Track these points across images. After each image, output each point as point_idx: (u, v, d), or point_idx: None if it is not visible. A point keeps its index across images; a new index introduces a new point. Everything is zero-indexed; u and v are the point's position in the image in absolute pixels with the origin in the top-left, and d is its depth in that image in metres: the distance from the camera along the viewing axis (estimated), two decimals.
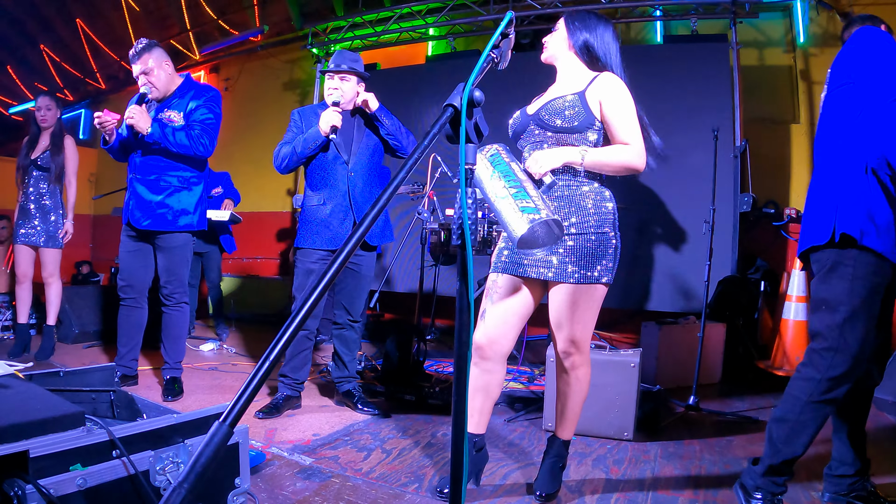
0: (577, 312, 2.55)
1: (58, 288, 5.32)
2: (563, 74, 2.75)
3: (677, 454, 3.37)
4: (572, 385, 2.68)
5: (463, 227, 1.24)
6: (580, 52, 2.69)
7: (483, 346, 2.65)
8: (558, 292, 2.57)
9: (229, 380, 4.69)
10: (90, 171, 12.51)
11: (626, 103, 2.55)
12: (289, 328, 0.93)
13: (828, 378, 2.38)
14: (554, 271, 2.53)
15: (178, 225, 4.01)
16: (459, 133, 1.24)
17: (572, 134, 2.54)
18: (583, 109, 2.52)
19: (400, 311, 8.45)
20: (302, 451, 3.14)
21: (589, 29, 2.68)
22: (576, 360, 2.64)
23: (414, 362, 4.49)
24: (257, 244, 9.62)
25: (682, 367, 4.88)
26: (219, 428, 0.86)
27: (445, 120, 1.23)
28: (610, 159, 2.51)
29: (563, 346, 2.62)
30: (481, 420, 2.72)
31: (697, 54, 6.44)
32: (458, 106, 1.23)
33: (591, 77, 2.62)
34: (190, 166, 4.05)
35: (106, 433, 1.86)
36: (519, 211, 2.08)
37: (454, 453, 1.42)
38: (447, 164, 5.30)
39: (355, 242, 1.01)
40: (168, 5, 10.58)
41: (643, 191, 6.34)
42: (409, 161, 1.11)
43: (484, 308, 2.70)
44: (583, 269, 2.51)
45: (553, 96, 2.63)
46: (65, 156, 5.13)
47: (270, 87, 10.15)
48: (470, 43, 8.47)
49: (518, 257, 2.63)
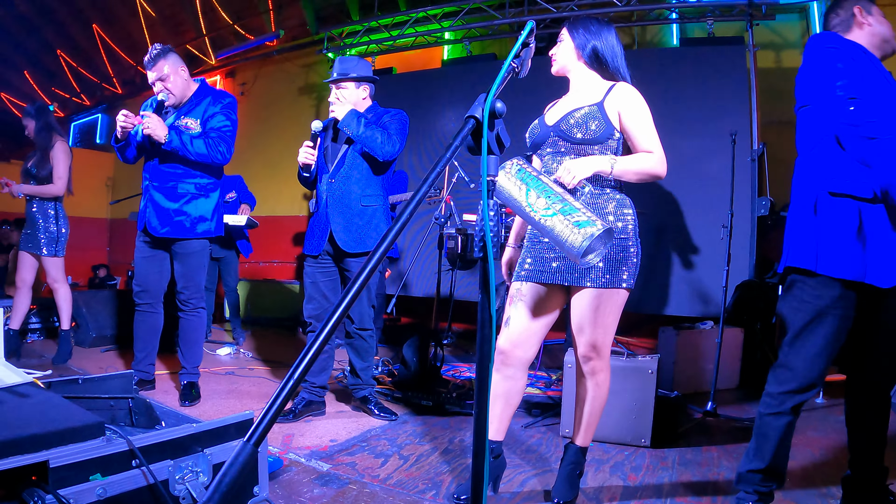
0: (599, 317, 2.55)
1: (65, 293, 5.27)
2: (576, 84, 2.76)
3: (695, 461, 3.34)
4: (592, 391, 2.67)
5: (485, 240, 1.23)
6: (589, 61, 2.70)
7: (507, 351, 2.66)
8: (582, 297, 2.57)
9: (246, 384, 4.70)
10: (107, 175, 12.65)
11: (644, 112, 2.58)
12: (312, 347, 0.93)
13: (777, 393, 2.44)
14: (577, 276, 2.55)
15: (196, 232, 4.02)
16: (481, 145, 1.23)
17: (594, 145, 2.56)
18: (603, 121, 2.54)
19: (417, 316, 8.45)
20: (319, 457, 3.14)
21: (594, 35, 2.68)
22: (596, 366, 2.63)
23: (431, 367, 4.48)
24: (274, 248, 9.66)
25: (700, 372, 4.85)
26: (244, 447, 0.85)
27: (468, 132, 1.22)
28: (636, 167, 2.53)
29: (584, 351, 2.61)
30: (500, 427, 2.72)
31: (714, 57, 6.40)
32: (480, 117, 1.22)
33: (607, 87, 2.64)
34: (207, 173, 4.06)
35: (125, 443, 1.86)
36: (573, 226, 2.10)
37: (475, 464, 1.41)
38: (464, 169, 5.29)
39: (379, 257, 1.00)
40: (184, 10, 10.67)
41: (661, 195, 6.31)
42: (430, 174, 1.11)
43: (508, 315, 2.71)
44: (606, 274, 2.52)
45: (571, 107, 2.64)
46: (53, 160, 5.04)
47: (286, 91, 10.20)
48: (485, 47, 8.48)
49: (542, 265, 2.64)
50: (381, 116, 3.84)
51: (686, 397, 4.42)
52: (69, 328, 5.32)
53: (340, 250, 3.78)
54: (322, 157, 3.86)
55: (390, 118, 3.83)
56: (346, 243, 3.77)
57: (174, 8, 10.87)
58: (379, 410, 3.93)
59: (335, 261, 3.89)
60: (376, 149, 3.70)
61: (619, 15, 7.29)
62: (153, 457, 1.90)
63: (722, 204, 5.12)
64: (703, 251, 6.20)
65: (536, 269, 2.66)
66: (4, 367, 2.58)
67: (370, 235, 3.83)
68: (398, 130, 3.80)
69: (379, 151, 3.70)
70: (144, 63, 3.94)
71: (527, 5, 7.56)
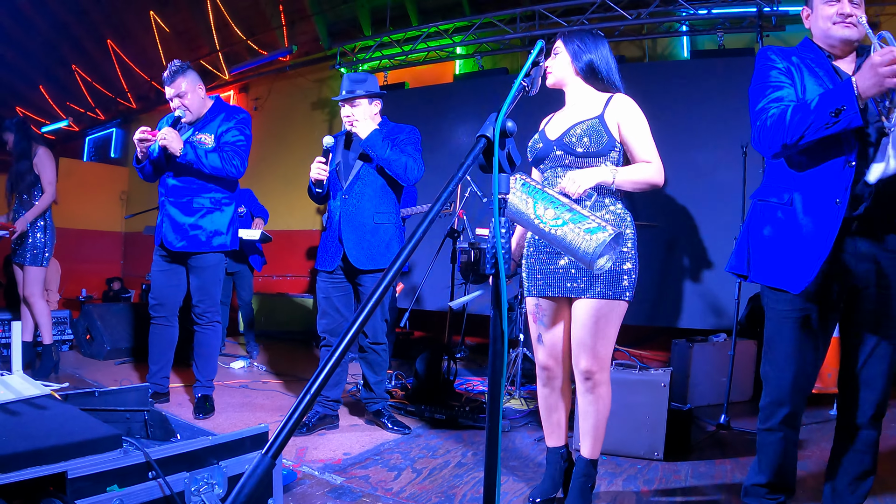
0: (600, 328, 2.59)
1: (40, 307, 5.10)
2: (573, 98, 2.81)
3: (708, 474, 3.33)
4: (594, 404, 2.69)
5: (497, 256, 1.25)
6: (586, 75, 2.76)
7: (551, 367, 2.79)
8: (583, 308, 2.61)
9: (260, 398, 4.72)
10: (121, 189, 12.75)
11: (642, 123, 2.65)
12: (328, 364, 0.95)
13: (764, 405, 2.46)
14: (579, 288, 2.60)
15: (211, 245, 4.07)
16: (492, 163, 1.25)
17: (597, 157, 2.63)
18: (605, 133, 2.61)
19: (430, 329, 8.45)
20: (333, 470, 3.16)
21: (591, 50, 2.74)
22: (598, 378, 2.65)
23: (444, 381, 4.49)
24: (287, 262, 9.70)
25: (713, 385, 4.84)
26: (261, 460, 0.87)
27: (479, 151, 1.24)
28: (636, 177, 2.60)
29: (585, 365, 2.62)
30: (562, 433, 2.88)
31: (724, 69, 6.40)
32: (491, 136, 1.24)
33: (605, 99, 2.70)
34: (221, 187, 4.11)
35: (142, 455, 1.89)
36: (585, 233, 2.16)
37: (487, 477, 1.42)
38: (476, 184, 5.32)
39: (393, 275, 1.02)
40: (198, 26, 10.78)
41: (673, 208, 6.31)
42: (443, 193, 1.13)
43: (538, 332, 2.81)
44: (606, 286, 2.57)
45: (572, 121, 2.70)
46: (39, 168, 4.99)
47: (299, 106, 10.26)
48: (497, 61, 8.52)
49: (549, 278, 2.69)
50: (396, 134, 3.86)
51: (699, 410, 4.42)
52: (50, 343, 5.21)
53: (353, 266, 3.81)
54: (334, 173, 3.89)
55: (406, 137, 3.85)
56: (359, 260, 3.80)
57: (188, 23, 10.98)
58: (392, 424, 3.94)
59: (348, 277, 3.91)
60: (403, 174, 3.74)
61: (630, 28, 7.31)
62: (169, 469, 1.92)
63: (734, 216, 5.12)
64: (715, 263, 6.19)
65: (546, 283, 2.71)
66: (22, 379, 2.61)
67: (382, 253, 3.85)
68: (418, 151, 3.84)
69: (406, 176, 3.75)
70: (163, 79, 4.00)
71: (538, 20, 7.59)
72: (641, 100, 2.70)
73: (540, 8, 7.52)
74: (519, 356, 4.83)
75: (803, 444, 3.78)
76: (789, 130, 2.12)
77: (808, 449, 3.71)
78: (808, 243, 2.21)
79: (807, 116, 2.07)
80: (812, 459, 3.49)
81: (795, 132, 2.11)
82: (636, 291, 2.65)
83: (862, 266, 2.23)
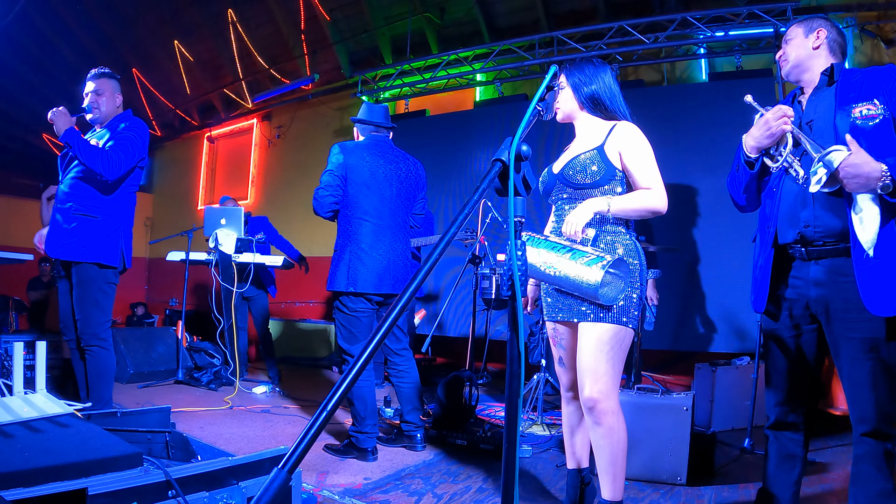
0: (600, 352, 2.54)
1: None
2: (580, 129, 2.84)
3: (732, 499, 3.29)
4: (606, 437, 2.54)
5: (513, 279, 1.27)
6: (590, 107, 2.78)
7: (574, 388, 2.79)
8: (585, 332, 2.58)
9: (281, 423, 4.74)
10: (146, 215, 12.89)
11: (643, 150, 2.64)
12: (344, 381, 0.96)
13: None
14: (585, 312, 2.58)
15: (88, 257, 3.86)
16: (508, 187, 1.27)
17: (595, 188, 2.64)
18: (603, 164, 2.62)
19: (452, 356, 8.44)
20: (353, 495, 3.15)
21: (592, 80, 2.77)
22: (601, 408, 2.51)
23: (466, 407, 4.48)
24: (308, 288, 9.74)
25: (737, 408, 4.78)
26: (278, 473, 0.89)
27: (494, 174, 1.26)
28: (634, 205, 2.59)
29: (587, 391, 2.53)
30: (584, 454, 2.89)
31: (743, 90, 6.33)
32: (506, 160, 1.26)
33: (608, 129, 2.71)
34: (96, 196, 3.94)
35: (163, 473, 1.91)
36: (584, 266, 2.22)
37: (504, 496, 1.43)
38: (497, 209, 5.35)
39: (408, 297, 1.04)
40: (221, 55, 10.96)
41: (695, 231, 6.28)
42: (459, 217, 1.15)
43: (559, 355, 2.83)
44: (610, 312, 2.55)
45: (574, 153, 2.73)
46: None
47: (321, 134, 10.36)
48: (517, 87, 8.57)
49: (559, 302, 2.70)
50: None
51: (723, 434, 4.37)
52: None
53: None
54: None
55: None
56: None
57: (212, 53, 11.17)
58: (412, 443, 4.06)
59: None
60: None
61: (648, 52, 7.32)
62: (189, 488, 1.94)
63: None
64: (737, 286, 6.13)
65: (556, 307, 2.72)
66: (45, 397, 2.65)
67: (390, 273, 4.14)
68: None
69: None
70: (88, 76, 4.07)
71: (556, 45, 7.64)
72: (661, 123, 2.74)
73: (558, 34, 7.59)
74: (541, 381, 4.81)
75: (828, 467, 3.75)
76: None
77: (833, 472, 3.67)
78: (761, 269, 2.54)
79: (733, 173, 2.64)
80: (837, 482, 3.46)
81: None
82: (658, 316, 2.67)
83: (814, 291, 2.38)
